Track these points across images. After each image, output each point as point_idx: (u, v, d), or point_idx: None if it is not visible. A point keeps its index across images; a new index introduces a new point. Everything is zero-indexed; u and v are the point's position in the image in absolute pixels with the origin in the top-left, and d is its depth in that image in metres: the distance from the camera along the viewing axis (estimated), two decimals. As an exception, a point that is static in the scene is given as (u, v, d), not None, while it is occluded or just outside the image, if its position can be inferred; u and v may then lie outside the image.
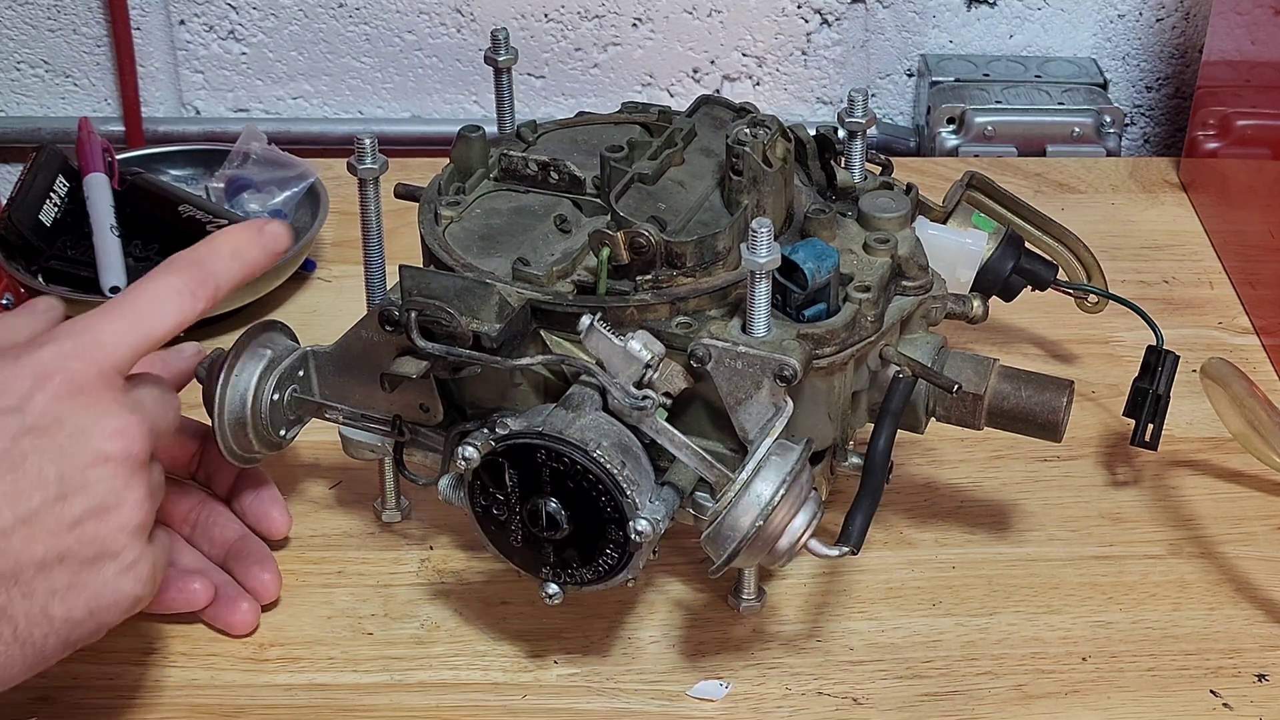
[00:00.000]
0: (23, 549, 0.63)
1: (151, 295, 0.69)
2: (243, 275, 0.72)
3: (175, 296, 0.69)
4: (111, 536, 0.66)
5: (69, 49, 1.38)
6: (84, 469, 0.65)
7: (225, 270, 0.71)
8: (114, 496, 0.66)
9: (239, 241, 0.72)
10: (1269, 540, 0.90)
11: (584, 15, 1.35)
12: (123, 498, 0.66)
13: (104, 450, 0.66)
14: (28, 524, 0.64)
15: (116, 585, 0.66)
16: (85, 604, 0.65)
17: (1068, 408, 0.80)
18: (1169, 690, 0.81)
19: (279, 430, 0.85)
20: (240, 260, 0.72)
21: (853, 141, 0.86)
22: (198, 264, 0.71)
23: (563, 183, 0.83)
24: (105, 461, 0.66)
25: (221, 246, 0.72)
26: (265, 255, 0.73)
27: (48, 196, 1.10)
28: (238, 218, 1.11)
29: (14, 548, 0.63)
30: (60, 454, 0.65)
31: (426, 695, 0.81)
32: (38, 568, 0.64)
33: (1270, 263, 1.08)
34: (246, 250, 0.72)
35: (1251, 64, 1.16)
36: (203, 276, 0.70)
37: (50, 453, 0.64)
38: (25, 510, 0.64)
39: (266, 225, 0.74)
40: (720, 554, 0.72)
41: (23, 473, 0.64)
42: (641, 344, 0.73)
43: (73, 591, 0.65)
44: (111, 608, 0.66)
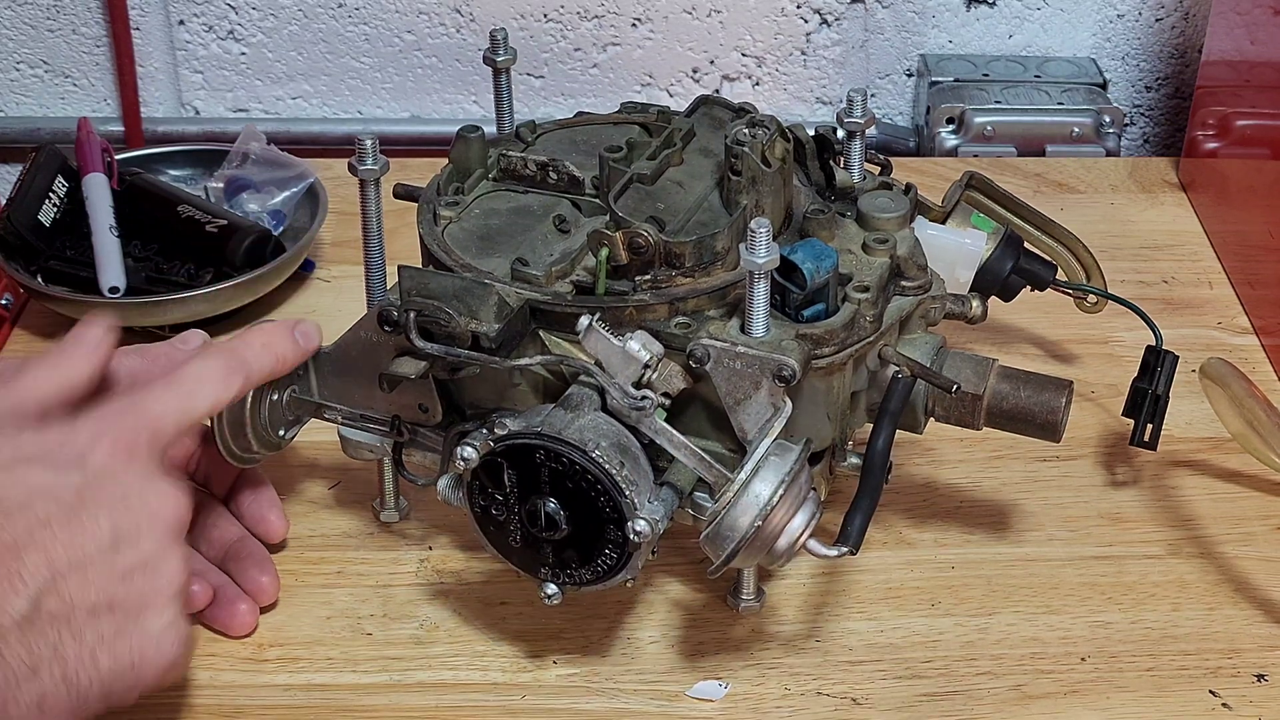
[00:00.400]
0: (77, 592, 0.66)
1: (195, 375, 0.75)
2: (273, 367, 0.79)
3: (214, 381, 0.75)
4: (156, 592, 0.68)
5: (68, 49, 1.38)
6: (136, 524, 0.68)
7: (257, 361, 0.78)
8: (160, 554, 0.69)
9: (271, 336, 0.79)
10: (1268, 540, 0.90)
11: (583, 15, 1.35)
12: (168, 557, 0.69)
13: (154, 509, 0.69)
14: (82, 569, 0.66)
15: (159, 641, 0.68)
16: (129, 654, 0.67)
17: (1067, 408, 0.80)
18: (1168, 690, 0.81)
19: (278, 430, 0.85)
20: (272, 354, 0.79)
21: (852, 142, 0.86)
22: (234, 354, 0.77)
23: (562, 183, 0.83)
24: (155, 520, 0.69)
25: (256, 339, 0.79)
26: (295, 351, 0.80)
27: (47, 196, 1.10)
28: (236, 217, 1.11)
29: (69, 589, 0.65)
30: (115, 508, 0.68)
31: (425, 695, 0.81)
32: (89, 612, 0.66)
33: (1269, 263, 1.08)
34: (279, 344, 0.79)
35: (1251, 64, 1.16)
36: (236, 363, 0.77)
37: (105, 505, 0.67)
38: (80, 555, 0.66)
39: (299, 325, 0.81)
40: (719, 554, 0.72)
41: (80, 523, 0.67)
42: (640, 344, 0.73)
43: (119, 640, 0.67)
44: (151, 663, 0.68)
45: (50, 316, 1.08)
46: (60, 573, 0.65)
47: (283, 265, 1.09)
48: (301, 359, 0.81)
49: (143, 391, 0.73)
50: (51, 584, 0.65)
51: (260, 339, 0.79)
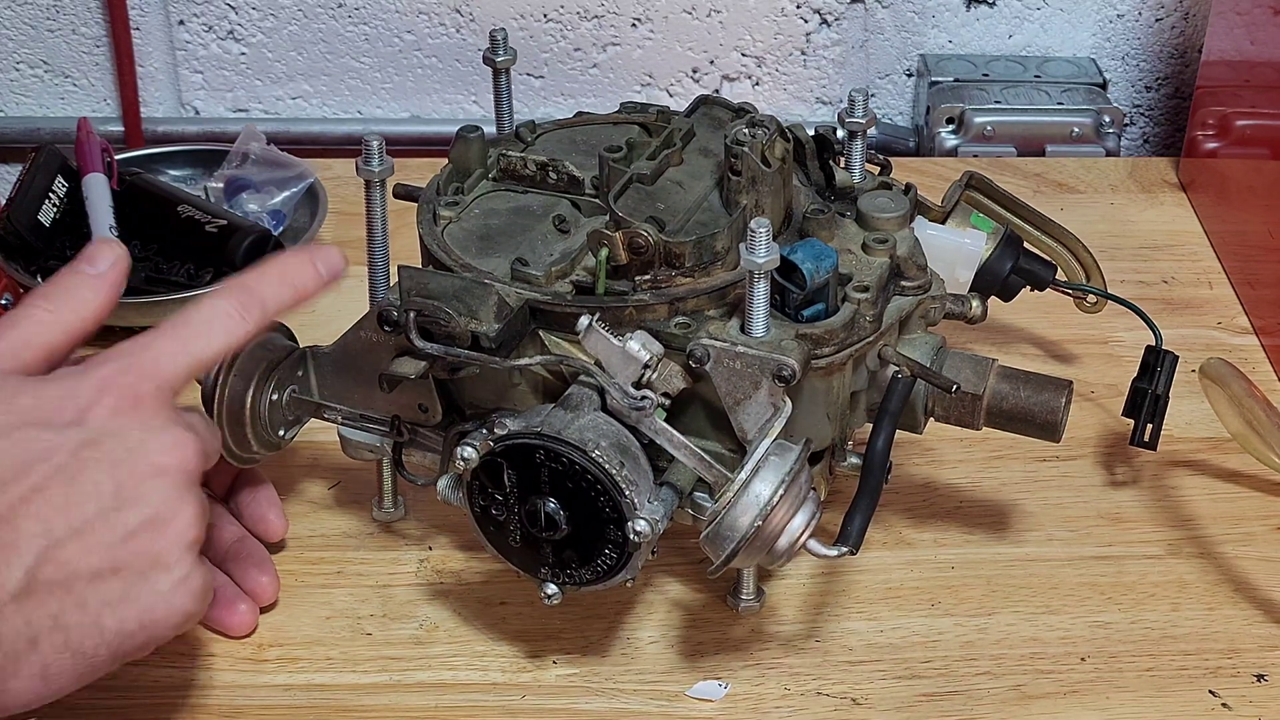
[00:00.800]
0: (76, 559, 0.64)
1: (202, 317, 0.71)
2: (292, 299, 0.74)
3: (224, 319, 0.71)
4: (165, 549, 0.66)
5: (68, 49, 1.38)
6: (140, 481, 0.66)
7: (274, 294, 0.73)
8: (169, 509, 0.66)
9: (290, 267, 0.74)
10: (1268, 540, 0.90)
11: (583, 15, 1.35)
12: (177, 511, 0.67)
13: (160, 463, 0.66)
14: (81, 534, 0.64)
15: (169, 599, 0.66)
16: (137, 616, 0.66)
17: (1066, 408, 0.80)
18: (1168, 690, 0.81)
19: (278, 430, 0.85)
20: (289, 285, 0.74)
21: (852, 142, 0.86)
22: (246, 288, 0.72)
23: (561, 183, 0.83)
24: (161, 474, 0.66)
25: (271, 271, 0.74)
26: (316, 280, 0.74)
27: (47, 197, 1.10)
28: (236, 217, 1.11)
29: (68, 557, 0.64)
30: (117, 466, 0.66)
31: (425, 696, 0.81)
32: (91, 578, 0.64)
33: (1269, 263, 1.08)
34: (297, 275, 0.74)
35: (1251, 64, 1.16)
36: (250, 300, 0.72)
37: (107, 465, 0.65)
38: (80, 520, 0.64)
39: (321, 251, 0.75)
40: (719, 554, 0.72)
41: (79, 484, 0.65)
42: (640, 344, 0.73)
43: (126, 603, 0.65)
44: (163, 621, 0.66)
45: (50, 316, 1.08)
46: (58, 540, 0.63)
47: (282, 265, 1.08)
48: (324, 289, 0.75)
49: (149, 339, 0.69)
50: (48, 552, 0.63)
51: (278, 270, 0.74)
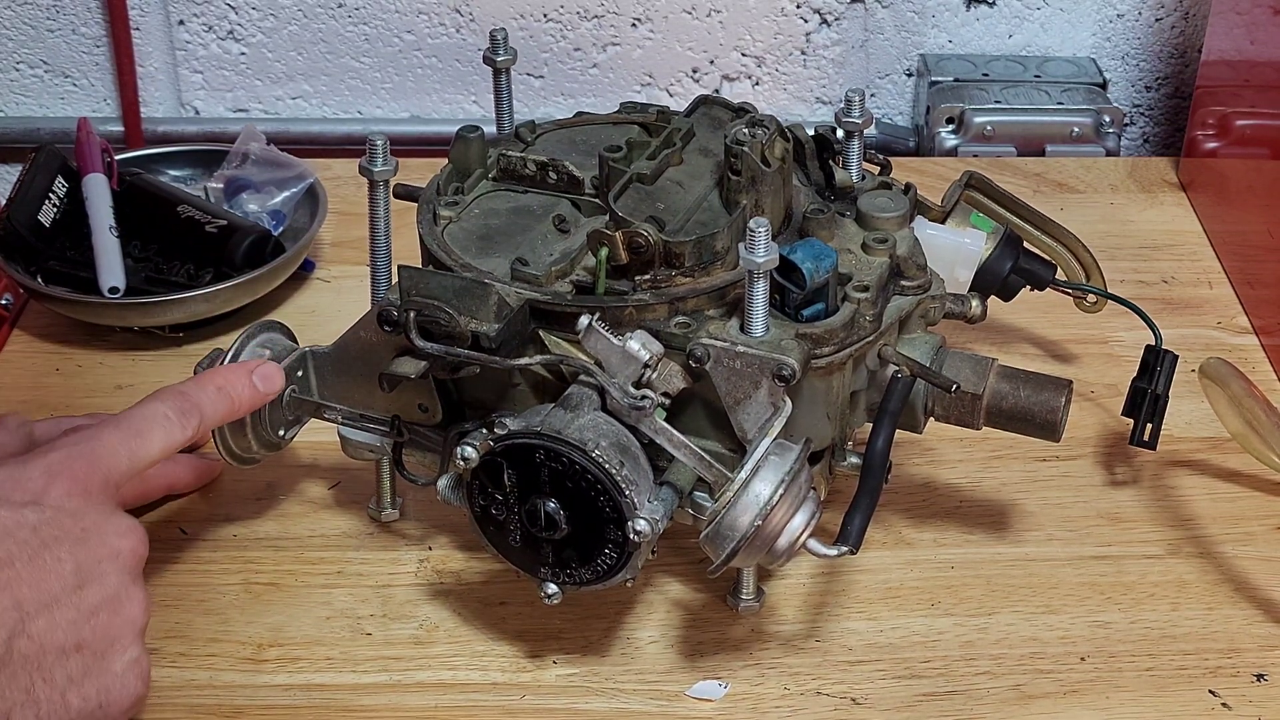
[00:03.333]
0: (45, 634, 0.66)
1: (143, 417, 0.74)
2: (228, 410, 0.78)
3: (163, 421, 0.75)
4: (120, 630, 0.68)
5: (68, 49, 1.38)
6: (99, 561, 0.68)
7: (210, 403, 0.77)
8: (124, 591, 0.69)
9: (226, 378, 0.79)
10: (1268, 540, 0.90)
11: (583, 15, 1.35)
12: (131, 594, 0.69)
13: (115, 546, 0.69)
14: (50, 610, 0.66)
15: (124, 679, 0.68)
16: (97, 695, 0.67)
17: (1066, 407, 0.80)
18: (1167, 690, 0.81)
19: (278, 430, 0.85)
20: (226, 396, 0.78)
21: (850, 141, 0.86)
22: (185, 396, 0.76)
23: (561, 183, 0.83)
24: (116, 557, 0.69)
25: (209, 382, 0.78)
26: (251, 394, 0.79)
27: (46, 197, 1.10)
28: (236, 217, 1.11)
29: (38, 631, 0.65)
30: (76, 545, 0.68)
31: (425, 696, 0.81)
32: (58, 654, 0.66)
33: (1269, 263, 1.08)
34: (233, 388, 0.78)
35: (1251, 64, 1.16)
36: (188, 407, 0.76)
37: (67, 543, 0.67)
38: (48, 596, 0.66)
39: (258, 367, 0.80)
40: (719, 554, 0.72)
41: (44, 561, 0.66)
42: (640, 344, 0.73)
43: (88, 680, 0.67)
44: (118, 702, 0.68)
45: (50, 317, 1.08)
46: (29, 614, 0.65)
47: (282, 265, 1.09)
48: (260, 404, 0.80)
49: (93, 433, 0.72)
50: (21, 625, 0.65)
51: (215, 382, 0.78)
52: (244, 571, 0.88)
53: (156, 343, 1.06)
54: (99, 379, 1.04)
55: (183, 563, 0.88)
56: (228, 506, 0.92)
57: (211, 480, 0.93)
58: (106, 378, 1.04)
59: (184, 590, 0.87)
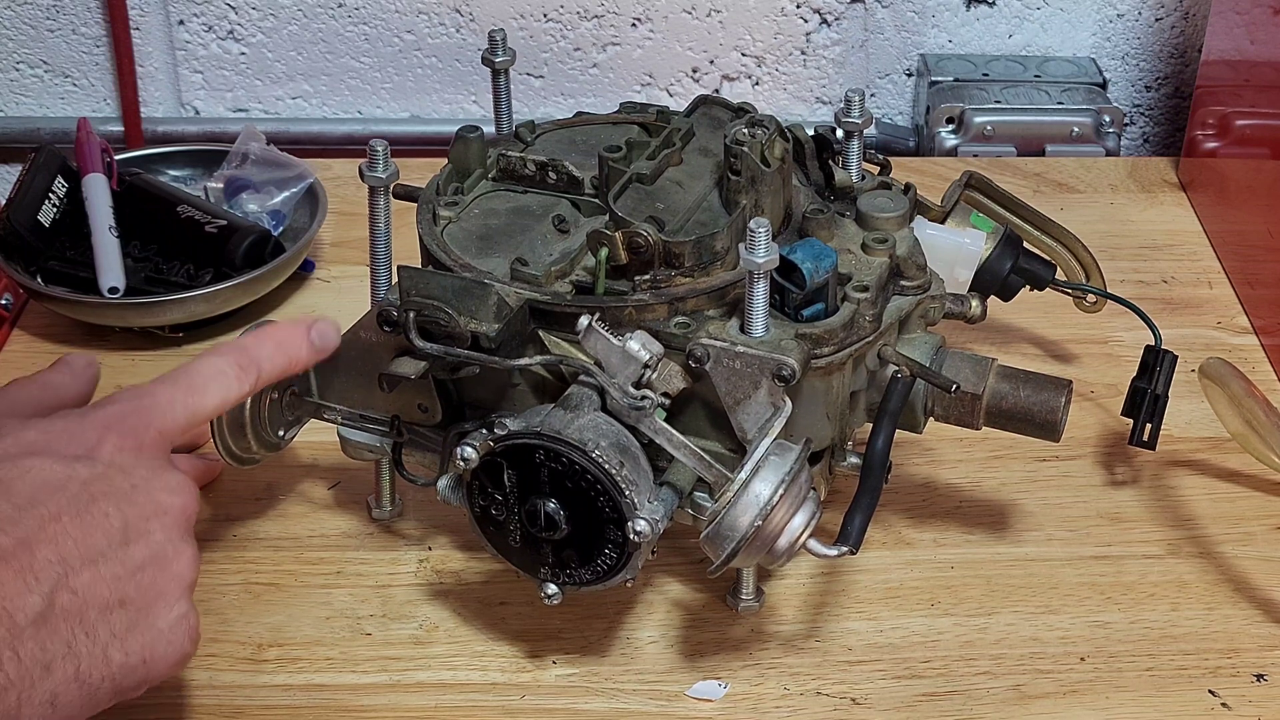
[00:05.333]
0: (89, 588, 0.65)
1: (201, 373, 0.74)
2: (285, 366, 0.78)
3: (221, 376, 0.74)
4: (167, 587, 0.68)
5: (68, 49, 1.38)
6: (146, 518, 0.68)
7: (268, 359, 0.76)
8: (171, 548, 0.69)
9: (286, 335, 0.78)
10: (1267, 540, 0.90)
11: (583, 15, 1.35)
12: (179, 551, 0.69)
13: (164, 503, 0.69)
14: (95, 565, 0.66)
15: (169, 636, 0.68)
16: (140, 651, 0.67)
17: (1066, 407, 0.80)
18: (1167, 690, 0.81)
19: (277, 431, 0.85)
20: (284, 353, 0.77)
21: (850, 142, 0.86)
22: (245, 350, 0.76)
23: (561, 183, 0.83)
24: (164, 514, 0.69)
25: (269, 337, 0.77)
26: (309, 352, 0.78)
27: (46, 197, 1.10)
28: (236, 218, 1.11)
29: (81, 585, 0.65)
30: (125, 501, 0.68)
31: (425, 696, 0.81)
32: (101, 609, 0.66)
33: (1269, 263, 1.08)
34: (291, 345, 0.78)
35: (1251, 64, 1.16)
36: (247, 362, 0.75)
37: (115, 499, 0.67)
38: (93, 551, 0.66)
39: (315, 325, 0.79)
40: (719, 554, 0.72)
41: (91, 516, 0.66)
42: (640, 344, 0.73)
43: (131, 636, 0.67)
44: (162, 659, 0.68)
45: (50, 317, 1.08)
46: (73, 568, 0.65)
47: (282, 265, 1.09)
48: (316, 360, 0.79)
49: (150, 388, 0.72)
50: (64, 579, 0.64)
51: (275, 337, 0.77)
52: (244, 571, 0.88)
53: (156, 343, 1.06)
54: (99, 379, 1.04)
55: (183, 563, 0.88)
56: (228, 506, 0.92)
57: (211, 480, 0.93)
58: (106, 378, 1.03)
59: (184, 590, 0.86)
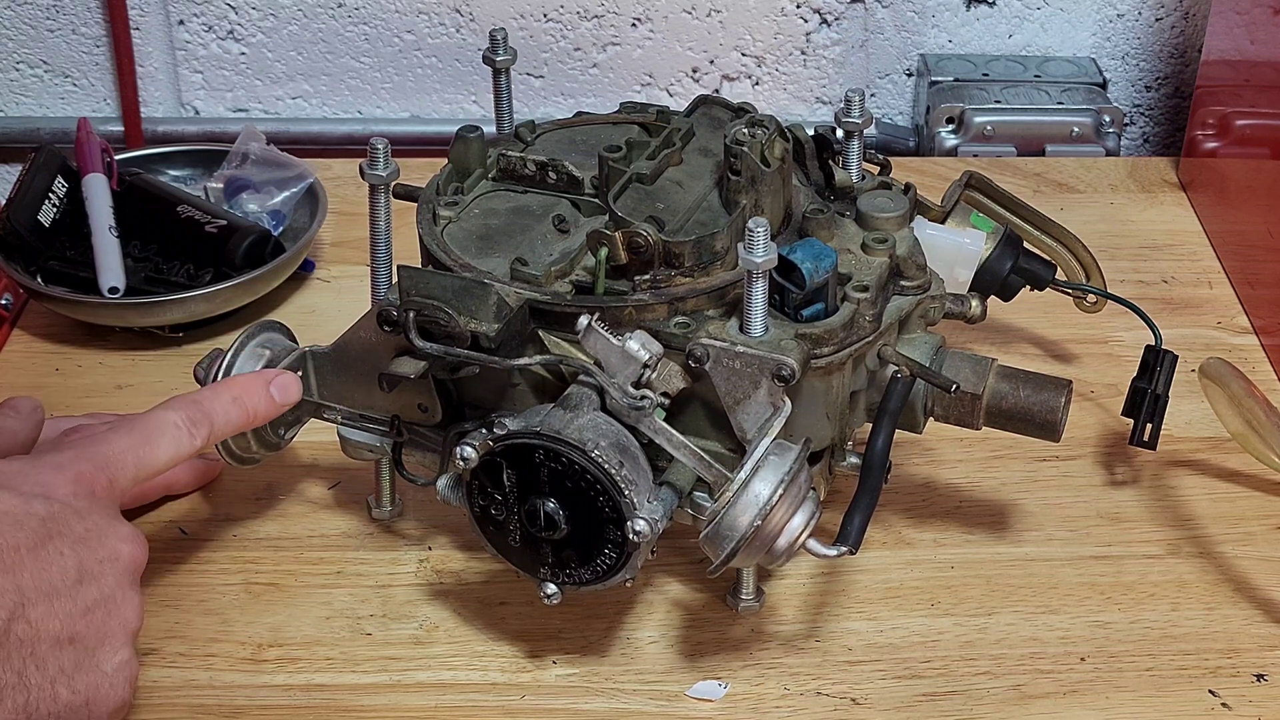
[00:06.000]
0: (43, 621, 0.66)
1: (152, 425, 0.74)
2: (242, 420, 0.78)
3: (173, 430, 0.74)
4: (114, 631, 0.69)
5: (68, 49, 1.38)
6: (99, 561, 0.69)
7: (223, 413, 0.76)
8: (120, 594, 0.69)
9: (243, 388, 0.78)
10: (1267, 540, 0.90)
11: (583, 15, 1.35)
12: (127, 597, 0.70)
13: (116, 549, 0.70)
14: (49, 600, 0.67)
15: (111, 681, 0.69)
16: (85, 690, 0.67)
17: (1066, 407, 0.80)
18: (1167, 690, 0.81)
19: (278, 430, 0.85)
20: (241, 407, 0.77)
21: (850, 142, 0.86)
22: (198, 405, 0.76)
23: (561, 183, 0.83)
24: (116, 559, 0.69)
25: (225, 391, 0.77)
26: (269, 405, 0.79)
27: (46, 197, 1.10)
28: (236, 217, 1.11)
29: (36, 617, 0.66)
30: (79, 543, 0.68)
31: (425, 696, 0.81)
32: (52, 644, 0.66)
33: (1269, 263, 1.08)
34: (250, 398, 0.78)
35: (1251, 64, 1.16)
36: (199, 416, 0.75)
37: (71, 540, 0.68)
38: (48, 586, 0.67)
39: (277, 377, 0.79)
40: (719, 553, 0.72)
41: (46, 553, 0.67)
42: (639, 344, 0.73)
43: (78, 675, 0.67)
44: (104, 701, 0.68)
45: (50, 317, 1.08)
46: (29, 599, 0.66)
47: (282, 265, 1.09)
48: (276, 414, 0.79)
49: (104, 436, 0.73)
50: (20, 609, 0.65)
51: (231, 392, 0.78)
52: (244, 571, 0.88)
53: (156, 343, 1.06)
54: (99, 379, 1.04)
55: (183, 563, 0.88)
56: (228, 506, 0.92)
57: (211, 480, 0.93)
58: (106, 378, 1.04)
59: (184, 590, 0.87)
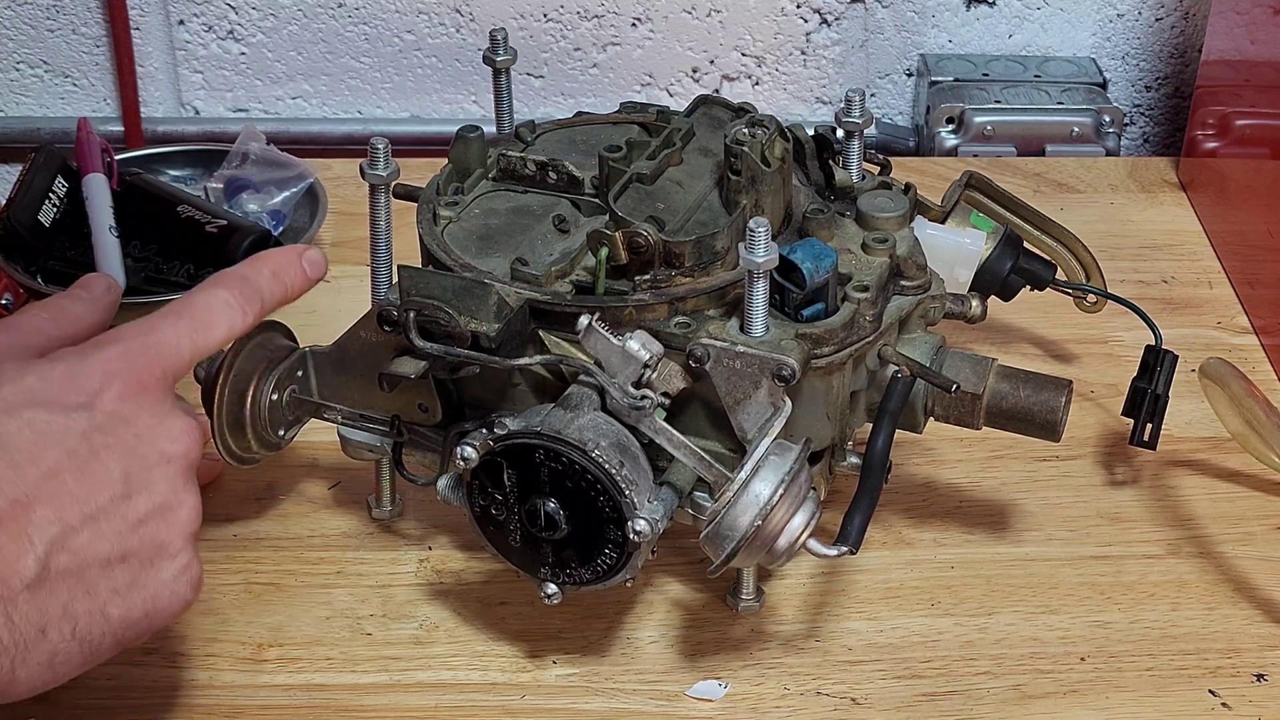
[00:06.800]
0: (89, 546, 0.64)
1: (205, 304, 0.72)
2: (283, 296, 0.76)
3: (225, 308, 0.72)
4: (170, 538, 0.67)
5: (68, 49, 1.38)
6: (149, 469, 0.66)
7: (269, 289, 0.75)
8: (174, 497, 0.67)
9: (280, 263, 0.76)
10: (1267, 540, 0.90)
11: (583, 15, 1.35)
12: (182, 499, 0.67)
13: (167, 451, 0.67)
14: (95, 521, 0.64)
15: (172, 587, 0.67)
16: (142, 604, 0.66)
17: (1066, 407, 0.80)
18: (1167, 690, 0.81)
19: (278, 430, 0.85)
20: (280, 282, 0.75)
21: (850, 141, 0.86)
22: (245, 280, 0.74)
23: (561, 183, 0.83)
24: (168, 462, 0.67)
25: (264, 267, 0.75)
26: (303, 280, 0.77)
27: (46, 197, 1.10)
28: (236, 217, 1.11)
29: (81, 544, 0.64)
30: (126, 452, 0.66)
31: (425, 696, 0.81)
32: (102, 566, 0.65)
33: (1269, 263, 1.08)
34: (286, 272, 0.76)
35: (1251, 64, 1.16)
36: (250, 293, 0.73)
37: (117, 451, 0.66)
38: (93, 508, 0.64)
39: (306, 251, 0.77)
40: (719, 553, 0.72)
41: (91, 471, 0.65)
42: (640, 344, 0.73)
43: (133, 591, 0.66)
44: (165, 610, 0.67)
45: (50, 316, 1.08)
46: (71, 527, 0.63)
47: (282, 265, 1.08)
48: (309, 288, 0.77)
49: (153, 324, 0.70)
50: (62, 539, 0.63)
51: (270, 266, 0.75)
52: (244, 571, 0.88)
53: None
54: (99, 379, 1.04)
55: (183, 563, 0.88)
56: (228, 506, 0.92)
57: (211, 480, 0.93)
58: (106, 378, 1.04)
59: (184, 590, 0.86)
